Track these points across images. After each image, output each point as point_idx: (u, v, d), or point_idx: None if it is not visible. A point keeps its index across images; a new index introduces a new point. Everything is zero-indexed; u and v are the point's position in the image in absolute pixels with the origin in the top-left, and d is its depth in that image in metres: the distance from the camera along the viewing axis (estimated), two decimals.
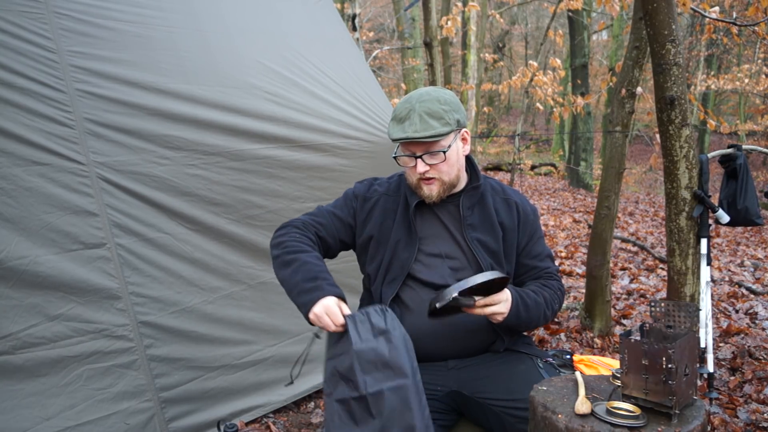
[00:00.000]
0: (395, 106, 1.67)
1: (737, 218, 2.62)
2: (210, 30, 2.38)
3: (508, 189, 1.84)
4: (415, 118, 1.60)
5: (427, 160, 1.64)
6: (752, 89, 13.62)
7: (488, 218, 1.75)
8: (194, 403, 2.23)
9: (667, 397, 1.28)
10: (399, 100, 1.70)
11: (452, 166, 1.68)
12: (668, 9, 2.31)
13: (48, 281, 1.89)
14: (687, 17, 12.14)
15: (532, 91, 7.99)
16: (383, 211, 1.78)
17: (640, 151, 19.05)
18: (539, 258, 1.80)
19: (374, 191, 1.82)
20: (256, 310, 2.43)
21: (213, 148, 2.27)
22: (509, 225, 1.76)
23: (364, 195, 1.81)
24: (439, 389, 1.70)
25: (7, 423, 1.81)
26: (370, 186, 1.85)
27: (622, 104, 3.33)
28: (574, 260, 5.76)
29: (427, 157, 1.64)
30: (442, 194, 1.70)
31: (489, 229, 1.74)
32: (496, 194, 1.80)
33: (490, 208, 1.76)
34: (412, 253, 1.72)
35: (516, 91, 16.92)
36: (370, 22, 15.04)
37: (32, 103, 1.89)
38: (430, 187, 1.68)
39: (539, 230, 1.83)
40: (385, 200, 1.79)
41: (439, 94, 1.65)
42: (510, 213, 1.78)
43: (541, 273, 1.80)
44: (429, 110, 1.61)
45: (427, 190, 1.69)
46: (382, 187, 1.83)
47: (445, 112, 1.62)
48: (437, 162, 1.65)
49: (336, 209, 1.81)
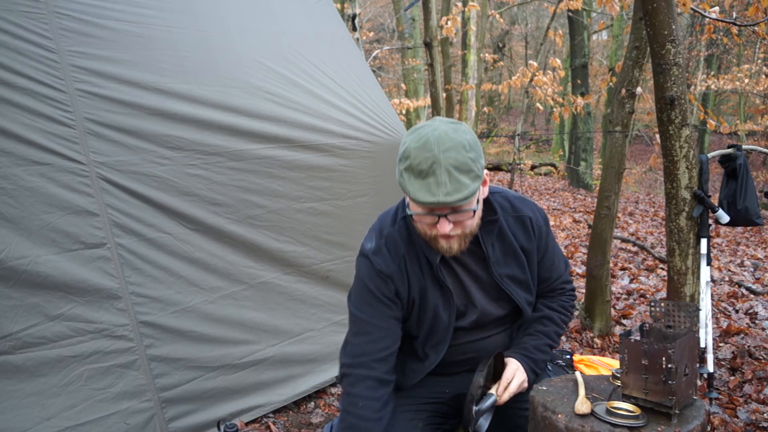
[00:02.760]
0: (408, 151, 1.38)
1: (737, 218, 2.62)
2: (210, 30, 2.38)
3: (517, 201, 1.66)
4: (442, 176, 1.34)
5: (453, 218, 1.42)
6: (752, 89, 13.62)
7: (510, 248, 1.61)
8: (194, 403, 2.23)
9: (667, 397, 1.28)
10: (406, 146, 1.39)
11: (475, 220, 1.50)
12: (668, 9, 2.31)
13: (48, 281, 1.89)
14: (687, 17, 12.14)
15: (532, 91, 7.99)
16: (414, 275, 1.58)
17: (640, 151, 19.05)
18: (552, 268, 1.72)
19: (396, 256, 1.57)
20: (257, 310, 2.43)
21: (213, 148, 2.27)
22: (529, 247, 1.64)
23: (395, 269, 1.57)
24: (447, 392, 1.70)
25: (7, 423, 1.81)
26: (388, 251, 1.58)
27: (622, 104, 3.33)
28: (574, 260, 5.76)
29: (452, 215, 1.42)
30: (463, 247, 1.50)
31: (513, 260, 1.62)
32: (507, 214, 1.63)
33: (508, 236, 1.61)
34: (451, 315, 1.60)
35: (516, 91, 16.93)
36: (370, 22, 15.04)
37: (32, 103, 1.89)
38: (450, 242, 1.47)
39: (551, 237, 1.72)
40: (410, 260, 1.58)
41: (461, 136, 1.38)
42: (527, 233, 1.63)
43: (554, 284, 1.74)
44: (457, 163, 1.35)
45: (446, 245, 1.48)
46: (399, 245, 1.58)
47: (473, 162, 1.37)
48: (464, 219, 1.44)
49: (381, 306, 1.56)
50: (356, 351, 1.56)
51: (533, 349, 1.65)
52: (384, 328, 1.56)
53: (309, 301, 2.60)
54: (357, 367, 1.53)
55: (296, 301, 2.57)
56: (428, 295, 1.58)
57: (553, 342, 1.70)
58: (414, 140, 1.38)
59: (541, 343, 1.67)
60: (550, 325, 1.70)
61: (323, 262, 2.63)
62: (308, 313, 2.60)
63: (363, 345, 1.55)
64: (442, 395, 1.70)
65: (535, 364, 1.63)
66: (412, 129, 1.44)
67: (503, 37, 20.99)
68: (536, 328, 1.70)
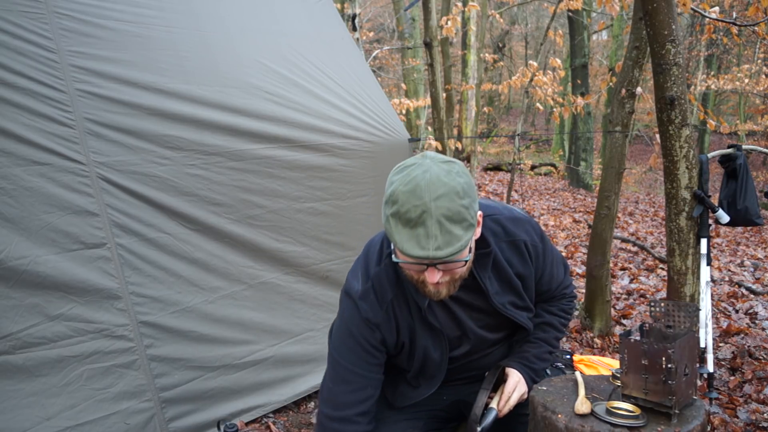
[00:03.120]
0: (396, 194, 1.26)
1: (737, 218, 2.62)
2: (210, 30, 2.38)
3: (509, 224, 1.53)
4: (432, 227, 1.22)
5: (442, 267, 1.32)
6: (752, 89, 13.61)
7: (505, 278, 1.53)
8: (194, 403, 2.23)
9: (667, 397, 1.28)
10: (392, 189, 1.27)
11: (466, 267, 1.39)
12: (668, 9, 2.31)
13: (48, 281, 1.89)
14: (687, 17, 12.14)
15: (532, 91, 7.99)
16: (401, 317, 1.51)
17: (640, 151, 19.05)
18: (552, 280, 1.66)
19: (383, 301, 1.48)
20: (257, 310, 2.43)
21: (213, 148, 2.27)
22: (525, 272, 1.56)
23: (382, 317, 1.48)
24: (444, 398, 1.70)
25: (7, 423, 1.81)
26: (376, 298, 1.48)
27: (622, 104, 3.33)
28: (574, 260, 5.76)
29: (442, 264, 1.31)
30: (452, 292, 1.41)
31: (509, 288, 1.55)
32: (500, 240, 1.52)
33: (503, 265, 1.52)
34: (443, 353, 1.55)
35: (516, 91, 16.92)
36: (370, 22, 15.04)
37: (32, 103, 1.89)
38: (439, 288, 1.37)
39: (548, 252, 1.61)
40: (398, 304, 1.50)
41: (453, 180, 1.25)
42: (522, 258, 1.54)
43: (555, 292, 1.70)
44: (449, 213, 1.23)
45: (434, 291, 1.37)
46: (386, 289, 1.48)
47: (466, 210, 1.25)
48: (453, 268, 1.34)
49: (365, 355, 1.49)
50: (338, 402, 1.48)
51: (534, 358, 1.63)
52: (366, 377, 1.49)
53: (309, 301, 2.60)
54: (338, 421, 1.47)
55: (296, 301, 2.57)
56: (417, 336, 1.51)
57: (553, 348, 1.69)
58: (403, 182, 1.26)
59: (542, 351, 1.65)
60: (550, 331, 1.69)
61: (323, 262, 2.63)
62: (308, 313, 2.60)
63: (344, 395, 1.48)
64: (440, 402, 1.69)
65: (536, 374, 1.62)
66: (400, 166, 1.31)
67: (503, 37, 20.99)
68: (536, 335, 1.67)
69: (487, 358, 1.67)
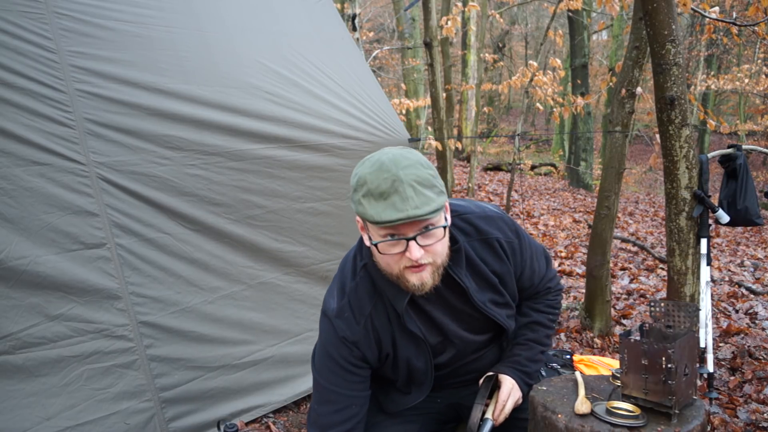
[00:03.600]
0: (362, 178, 1.28)
1: (737, 218, 2.62)
2: (210, 30, 2.38)
3: (480, 223, 1.51)
4: (406, 191, 1.24)
5: (422, 242, 1.30)
6: (752, 89, 13.61)
7: (482, 276, 1.50)
8: (194, 403, 2.23)
9: (667, 397, 1.28)
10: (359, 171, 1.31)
11: (445, 245, 1.36)
12: (668, 9, 2.31)
13: (48, 281, 1.89)
14: (687, 17, 12.14)
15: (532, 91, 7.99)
16: (381, 329, 1.48)
17: (640, 151, 19.05)
18: (534, 275, 1.64)
19: (360, 316, 1.46)
20: (256, 310, 2.43)
21: (213, 148, 2.27)
22: (502, 270, 1.53)
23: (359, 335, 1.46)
24: (439, 401, 1.69)
25: (7, 423, 1.81)
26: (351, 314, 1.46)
27: (622, 104, 3.33)
28: (574, 260, 5.76)
29: (421, 238, 1.29)
30: (436, 281, 1.37)
31: (486, 286, 1.52)
32: (472, 239, 1.50)
33: (477, 262, 1.49)
34: (427, 360, 1.52)
35: (516, 91, 16.93)
36: (370, 22, 15.04)
37: (32, 103, 1.89)
38: (422, 275, 1.33)
39: (526, 246, 1.59)
40: (375, 316, 1.47)
41: (414, 156, 1.31)
42: (497, 255, 1.52)
43: (539, 287, 1.67)
44: (419, 178, 1.26)
45: (416, 280, 1.33)
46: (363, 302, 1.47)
47: (433, 178, 1.29)
48: (433, 242, 1.31)
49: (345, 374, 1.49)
50: (322, 423, 1.49)
51: (526, 361, 1.61)
52: (349, 396, 1.48)
53: (308, 301, 2.60)
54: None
55: (296, 301, 2.57)
56: (399, 347, 1.49)
57: (544, 347, 1.67)
58: (367, 167, 1.29)
59: (534, 353, 1.63)
60: (539, 330, 1.66)
61: (323, 262, 2.63)
62: (308, 313, 2.60)
63: (330, 415, 1.48)
64: (435, 405, 1.68)
65: (529, 377, 1.60)
66: (359, 162, 1.34)
67: (503, 37, 20.99)
68: (526, 336, 1.64)
69: (477, 363, 1.64)
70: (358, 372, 1.49)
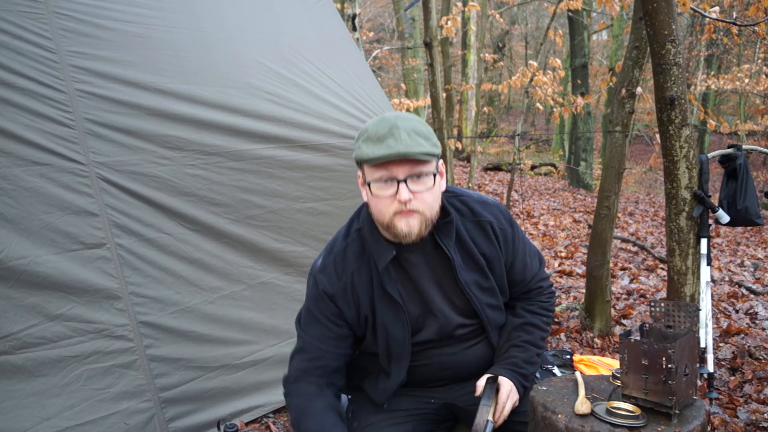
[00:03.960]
0: (366, 128, 1.41)
1: (737, 218, 2.62)
2: (210, 30, 2.38)
3: (476, 205, 1.58)
4: (401, 135, 1.35)
5: (412, 186, 1.38)
6: (752, 89, 13.61)
7: (469, 254, 1.54)
8: (194, 403, 2.23)
9: (667, 397, 1.28)
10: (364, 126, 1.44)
11: (435, 200, 1.45)
12: (668, 9, 2.31)
13: (48, 281, 1.89)
14: (687, 17, 12.14)
15: (532, 91, 7.99)
16: (363, 289, 1.53)
17: (640, 151, 19.05)
18: (525, 269, 1.65)
19: (342, 273, 1.53)
20: (256, 310, 2.43)
21: (213, 148, 2.27)
22: (491, 253, 1.57)
23: (337, 289, 1.53)
24: (432, 402, 1.68)
25: (7, 423, 1.81)
26: (334, 269, 1.54)
27: (622, 104, 3.33)
28: (574, 260, 5.76)
29: (411, 182, 1.38)
30: (423, 231, 1.43)
31: (474, 266, 1.55)
32: (466, 219, 1.56)
33: (467, 241, 1.54)
34: (404, 328, 1.53)
35: (516, 91, 16.93)
36: (370, 22, 15.04)
37: (32, 103, 1.89)
38: (409, 221, 1.40)
39: (519, 238, 1.63)
40: (358, 275, 1.53)
41: (417, 117, 1.45)
42: (488, 238, 1.56)
43: (530, 284, 1.68)
44: (415, 128, 1.38)
45: (405, 225, 1.40)
46: (348, 260, 1.54)
47: (429, 134, 1.40)
48: (423, 189, 1.39)
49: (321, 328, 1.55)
50: (296, 367, 1.57)
51: (523, 363, 1.60)
52: (322, 349, 1.55)
53: None
54: (295, 381, 1.55)
55: (296, 301, 2.56)
56: (377, 311, 1.52)
57: (540, 349, 1.66)
58: (371, 121, 1.42)
59: (530, 355, 1.62)
60: (534, 332, 1.65)
61: None
62: None
63: (302, 362, 1.56)
64: (428, 405, 1.67)
65: (525, 379, 1.59)
66: None
67: (503, 37, 21.00)
68: (522, 338, 1.63)
69: (465, 356, 1.62)
70: (334, 329, 1.55)
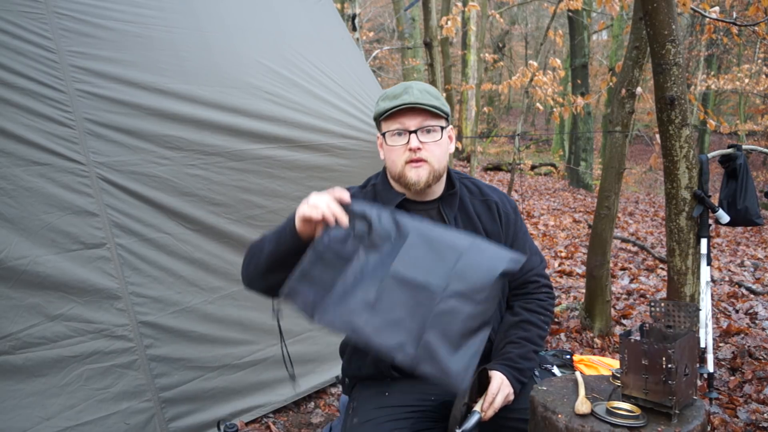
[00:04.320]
0: (384, 91, 1.63)
1: (737, 218, 2.62)
2: (210, 30, 2.38)
3: (485, 187, 1.75)
4: (414, 91, 1.55)
5: (422, 137, 1.55)
6: (752, 89, 13.61)
7: (472, 226, 1.66)
8: (194, 403, 2.23)
9: (667, 397, 1.28)
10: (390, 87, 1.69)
11: (443, 154, 1.61)
12: (668, 9, 2.31)
13: (48, 281, 1.89)
14: (687, 17, 12.15)
15: (532, 91, 7.99)
16: None
17: (640, 151, 19.05)
18: (529, 262, 1.68)
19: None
20: (257, 309, 2.43)
21: (213, 148, 2.27)
22: (493, 230, 1.67)
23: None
24: (432, 400, 1.68)
25: (7, 423, 1.81)
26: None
27: (622, 104, 3.33)
28: (574, 260, 5.76)
29: (421, 133, 1.55)
30: (431, 181, 1.58)
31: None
32: (474, 197, 1.71)
33: (472, 215, 1.67)
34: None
35: (516, 91, 16.93)
36: (370, 22, 15.05)
37: (32, 103, 1.89)
38: (419, 171, 1.56)
39: (521, 227, 1.74)
40: None
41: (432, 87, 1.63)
42: (492, 216, 1.69)
43: (528, 276, 1.71)
44: (427, 88, 1.58)
45: (414, 175, 1.56)
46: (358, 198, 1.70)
47: (440, 97, 1.60)
48: (432, 140, 1.56)
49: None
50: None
51: (518, 358, 1.60)
52: None
53: None
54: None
55: None
56: None
57: (537, 347, 1.66)
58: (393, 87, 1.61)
59: (525, 350, 1.62)
60: (531, 329, 1.65)
61: None
62: None
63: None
64: (427, 402, 1.67)
65: (521, 374, 1.59)
66: None
67: (503, 37, 21.00)
68: (518, 334, 1.64)
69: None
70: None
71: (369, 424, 1.61)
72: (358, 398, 1.70)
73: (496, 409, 1.51)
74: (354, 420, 1.63)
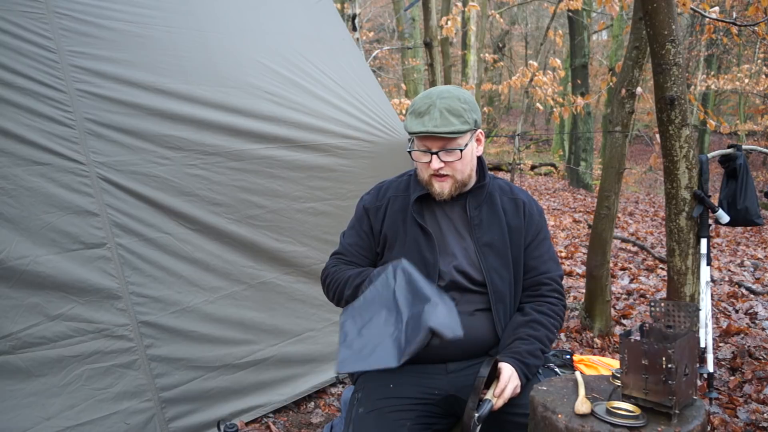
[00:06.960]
0: (414, 101, 1.68)
1: (737, 218, 2.62)
2: (209, 30, 2.38)
3: (516, 188, 1.84)
4: (435, 114, 1.60)
5: (443, 157, 1.64)
6: (752, 89, 13.61)
7: (496, 217, 1.75)
8: (194, 403, 2.23)
9: (667, 397, 1.28)
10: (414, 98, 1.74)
11: (466, 165, 1.68)
12: (668, 9, 2.31)
13: (48, 281, 1.89)
14: (687, 17, 12.14)
15: (532, 91, 7.99)
16: (393, 212, 1.78)
17: (640, 151, 19.04)
18: (541, 259, 1.76)
19: (383, 197, 1.82)
20: (257, 310, 2.43)
21: (213, 148, 2.27)
22: (516, 225, 1.75)
23: (374, 205, 1.82)
24: (437, 393, 1.69)
25: (7, 423, 1.81)
26: (377, 193, 1.85)
27: (622, 104, 3.33)
28: (574, 260, 5.76)
29: (443, 153, 1.64)
30: (453, 192, 1.70)
31: (497, 229, 1.74)
32: (504, 194, 1.80)
33: (498, 207, 1.76)
34: (434, 251, 1.71)
35: (516, 91, 16.92)
36: (370, 22, 15.04)
37: (32, 103, 1.89)
38: (442, 184, 1.68)
39: (544, 231, 1.81)
40: (394, 201, 1.80)
41: (460, 92, 1.66)
42: (517, 213, 1.77)
43: (542, 278, 1.76)
44: (449, 107, 1.61)
45: (438, 187, 1.69)
46: (391, 190, 1.83)
47: (464, 111, 1.63)
48: (453, 160, 1.65)
49: (356, 238, 1.84)
50: (332, 263, 1.85)
51: (526, 353, 1.63)
52: (353, 254, 1.83)
53: (309, 301, 2.60)
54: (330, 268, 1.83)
55: (296, 301, 2.57)
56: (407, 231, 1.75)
57: (545, 347, 1.68)
58: (420, 95, 1.68)
59: (534, 348, 1.65)
60: (541, 330, 1.68)
61: (323, 262, 2.61)
62: (308, 313, 2.60)
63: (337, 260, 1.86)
64: (432, 396, 1.68)
65: (528, 369, 1.62)
66: None
67: (503, 37, 20.99)
68: (527, 332, 1.67)
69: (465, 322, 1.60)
70: (366, 240, 1.83)
71: (374, 413, 1.62)
72: (363, 389, 1.72)
73: (505, 399, 1.54)
74: (359, 410, 1.64)
